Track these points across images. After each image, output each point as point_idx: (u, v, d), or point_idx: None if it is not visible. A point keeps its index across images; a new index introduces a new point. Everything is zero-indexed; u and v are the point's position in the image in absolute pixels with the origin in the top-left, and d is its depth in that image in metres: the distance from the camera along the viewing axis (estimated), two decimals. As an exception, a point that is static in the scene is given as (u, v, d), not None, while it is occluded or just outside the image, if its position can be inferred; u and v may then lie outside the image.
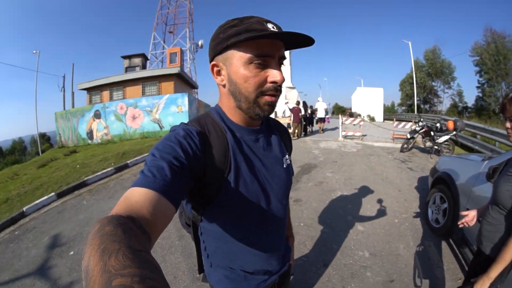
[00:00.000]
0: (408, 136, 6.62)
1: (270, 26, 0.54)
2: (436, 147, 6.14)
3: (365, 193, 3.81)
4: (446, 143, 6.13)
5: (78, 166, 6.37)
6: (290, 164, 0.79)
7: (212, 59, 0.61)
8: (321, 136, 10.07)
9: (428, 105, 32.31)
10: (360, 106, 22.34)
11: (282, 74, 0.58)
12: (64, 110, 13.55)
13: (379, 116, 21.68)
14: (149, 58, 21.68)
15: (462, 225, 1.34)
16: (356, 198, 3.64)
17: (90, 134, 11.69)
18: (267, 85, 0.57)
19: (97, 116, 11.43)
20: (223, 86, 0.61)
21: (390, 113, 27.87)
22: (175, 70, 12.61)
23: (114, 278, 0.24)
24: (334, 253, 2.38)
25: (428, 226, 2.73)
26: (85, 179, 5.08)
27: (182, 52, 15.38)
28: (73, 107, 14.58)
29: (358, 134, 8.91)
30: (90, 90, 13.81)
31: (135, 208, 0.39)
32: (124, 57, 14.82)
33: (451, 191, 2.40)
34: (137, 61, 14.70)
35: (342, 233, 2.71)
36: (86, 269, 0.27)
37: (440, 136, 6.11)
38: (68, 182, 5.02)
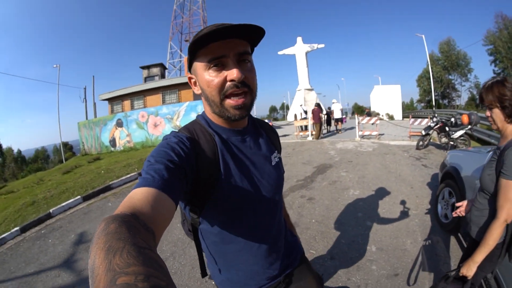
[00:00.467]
0: (423, 133, 6.47)
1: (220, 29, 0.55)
2: (452, 143, 5.96)
3: (377, 191, 3.83)
4: (462, 138, 5.95)
5: (103, 172, 6.69)
6: (280, 162, 0.82)
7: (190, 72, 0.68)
8: (339, 137, 10.11)
9: (447, 100, 30.93)
10: (379, 105, 21.92)
11: (239, 71, 0.58)
12: (87, 120, 14.37)
13: (398, 114, 21.10)
14: (167, 67, 22.35)
15: (456, 215, 1.40)
16: (368, 196, 3.68)
17: (113, 142, 12.33)
18: (227, 84, 0.60)
19: (119, 125, 12.05)
20: (201, 95, 0.66)
21: (409, 110, 26.94)
22: (194, 78, 13.13)
23: (119, 277, 0.24)
24: (342, 247, 2.46)
25: (438, 222, 2.73)
26: (110, 183, 5.37)
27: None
28: (95, 117, 15.42)
29: (375, 134, 8.82)
30: (112, 100, 14.58)
31: (138, 206, 0.41)
32: (143, 67, 15.49)
33: (458, 185, 2.40)
34: (156, 71, 15.33)
35: (351, 229, 2.78)
36: (92, 268, 0.27)
37: (455, 131, 5.94)
38: (93, 186, 5.32)
